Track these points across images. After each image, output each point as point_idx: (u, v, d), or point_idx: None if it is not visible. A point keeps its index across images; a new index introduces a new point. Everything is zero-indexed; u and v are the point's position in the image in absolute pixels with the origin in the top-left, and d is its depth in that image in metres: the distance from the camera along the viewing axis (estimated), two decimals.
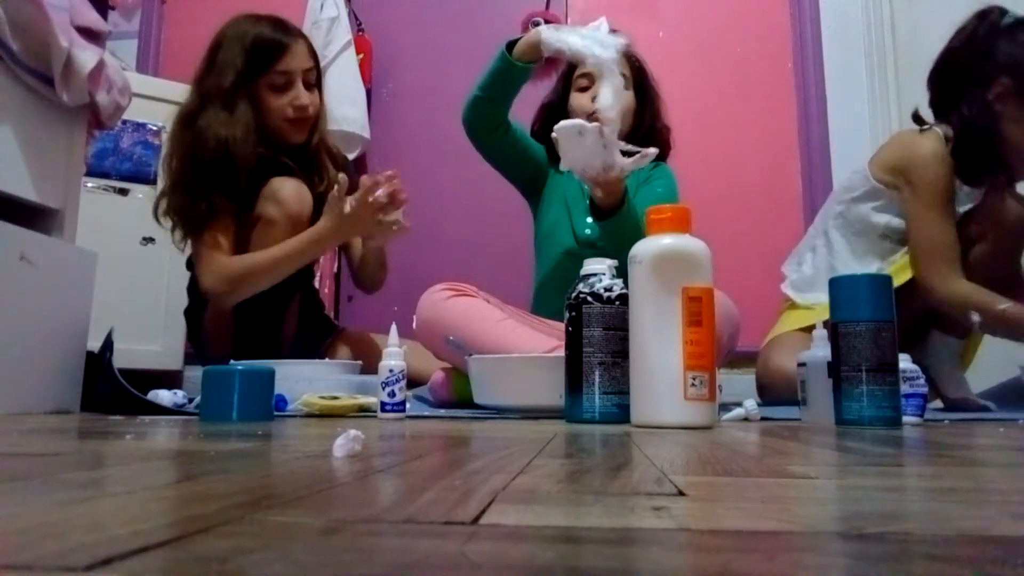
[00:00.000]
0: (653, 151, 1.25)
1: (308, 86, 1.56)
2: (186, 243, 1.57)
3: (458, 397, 1.36)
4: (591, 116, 1.51)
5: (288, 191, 1.52)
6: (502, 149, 1.58)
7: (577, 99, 1.58)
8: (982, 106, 1.39)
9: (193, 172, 1.45)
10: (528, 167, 1.62)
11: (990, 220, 1.44)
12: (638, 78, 1.60)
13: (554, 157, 1.50)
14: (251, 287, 1.49)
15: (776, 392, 1.51)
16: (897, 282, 1.32)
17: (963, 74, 1.42)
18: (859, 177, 1.55)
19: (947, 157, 1.41)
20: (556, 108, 1.63)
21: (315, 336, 1.75)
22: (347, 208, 1.42)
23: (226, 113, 1.46)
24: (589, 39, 1.29)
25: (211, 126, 1.44)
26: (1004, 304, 1.34)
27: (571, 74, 1.61)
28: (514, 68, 1.41)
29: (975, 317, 1.36)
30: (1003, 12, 1.40)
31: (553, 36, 1.33)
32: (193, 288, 1.72)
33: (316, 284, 1.92)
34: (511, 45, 1.42)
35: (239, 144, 1.44)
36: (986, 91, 1.39)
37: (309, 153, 1.63)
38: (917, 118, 1.51)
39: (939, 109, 1.48)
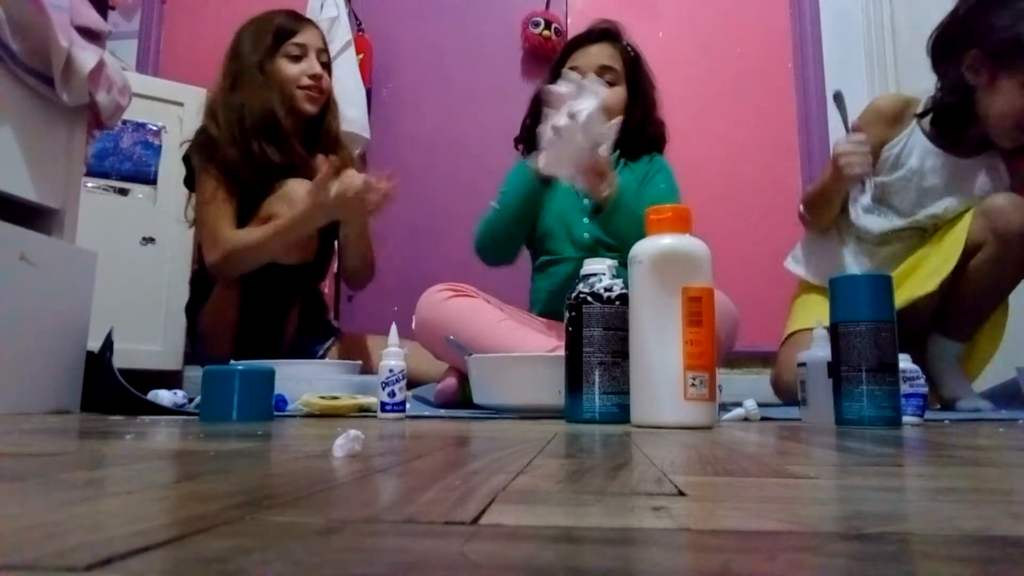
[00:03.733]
0: (617, 121, 1.26)
1: (321, 65, 1.69)
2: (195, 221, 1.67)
3: (462, 398, 1.36)
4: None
5: (302, 192, 1.54)
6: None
7: None
8: (955, 79, 1.45)
9: (243, 132, 1.58)
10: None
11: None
12: (631, 70, 1.57)
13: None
14: (246, 262, 1.56)
15: (792, 395, 1.52)
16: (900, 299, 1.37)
17: (948, 49, 1.48)
18: None
19: (891, 112, 1.54)
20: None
21: (315, 339, 1.75)
22: (333, 192, 1.48)
23: (262, 78, 1.63)
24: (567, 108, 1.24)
25: (254, 91, 1.61)
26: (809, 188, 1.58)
27: (560, 66, 1.60)
28: (537, 187, 1.43)
29: (800, 210, 1.58)
30: None
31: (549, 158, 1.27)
32: (196, 282, 1.73)
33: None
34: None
35: (279, 102, 1.61)
36: (959, 64, 1.44)
37: (322, 135, 1.71)
38: None
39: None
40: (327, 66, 1.73)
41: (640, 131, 1.54)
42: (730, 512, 0.28)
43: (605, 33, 1.58)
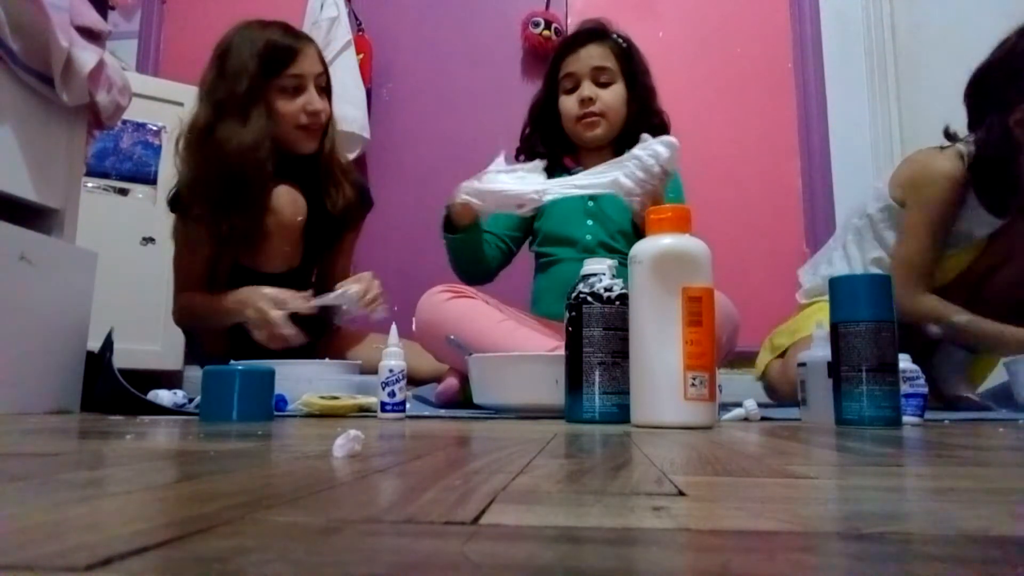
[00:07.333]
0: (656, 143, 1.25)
1: (319, 91, 1.53)
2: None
3: (463, 399, 1.36)
4: (582, 115, 1.53)
5: (282, 200, 1.50)
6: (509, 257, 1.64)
7: (565, 102, 1.56)
8: (1002, 131, 1.32)
9: (216, 188, 1.42)
10: (524, 224, 1.62)
11: (1015, 244, 1.40)
12: (625, 63, 1.55)
13: (553, 162, 1.52)
14: (192, 323, 1.61)
15: (783, 395, 1.51)
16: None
17: (992, 93, 1.34)
18: (878, 193, 1.52)
19: (960, 178, 1.37)
20: (544, 108, 1.61)
21: (310, 334, 1.74)
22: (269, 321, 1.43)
23: (242, 122, 1.42)
24: (516, 179, 1.27)
25: (230, 139, 1.42)
26: (961, 316, 1.36)
27: (554, 74, 1.59)
28: (462, 239, 1.46)
29: (933, 329, 1.39)
30: None
31: (474, 190, 1.31)
32: None
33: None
34: (447, 224, 1.45)
35: (251, 154, 1.41)
36: (1008, 115, 1.31)
37: (321, 163, 1.59)
38: (948, 134, 1.45)
39: (971, 125, 1.41)
40: (326, 90, 1.56)
41: (642, 122, 1.53)
42: (730, 512, 0.28)
43: (593, 34, 1.57)
